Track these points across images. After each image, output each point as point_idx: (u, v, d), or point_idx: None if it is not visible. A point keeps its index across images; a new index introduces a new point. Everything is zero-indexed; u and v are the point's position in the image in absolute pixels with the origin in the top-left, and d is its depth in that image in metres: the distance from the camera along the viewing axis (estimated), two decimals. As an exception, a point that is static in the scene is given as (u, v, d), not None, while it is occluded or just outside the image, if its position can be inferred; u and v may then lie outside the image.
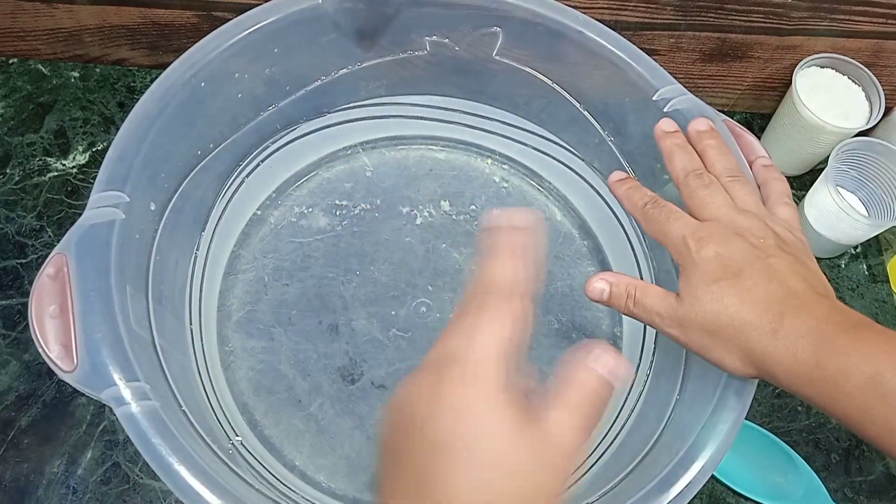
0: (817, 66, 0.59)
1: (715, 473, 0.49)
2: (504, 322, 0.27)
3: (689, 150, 0.41)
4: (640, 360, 0.50)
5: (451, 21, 0.48)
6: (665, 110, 0.44)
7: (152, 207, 0.42)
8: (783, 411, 0.53)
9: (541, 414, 0.27)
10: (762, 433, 0.52)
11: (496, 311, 0.27)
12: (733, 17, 0.56)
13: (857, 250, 0.60)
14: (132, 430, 0.33)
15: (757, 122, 0.66)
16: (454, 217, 0.56)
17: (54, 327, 0.35)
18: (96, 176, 0.39)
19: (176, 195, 0.44)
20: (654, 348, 0.49)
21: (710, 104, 0.44)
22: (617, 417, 0.48)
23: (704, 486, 0.36)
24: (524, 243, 0.29)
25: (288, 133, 0.53)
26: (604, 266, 0.55)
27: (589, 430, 0.27)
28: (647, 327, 0.50)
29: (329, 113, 0.54)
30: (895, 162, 0.54)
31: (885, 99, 0.57)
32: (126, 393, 0.34)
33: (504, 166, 0.59)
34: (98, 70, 0.64)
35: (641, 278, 0.52)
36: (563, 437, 0.26)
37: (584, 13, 0.46)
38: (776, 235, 0.37)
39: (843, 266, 0.60)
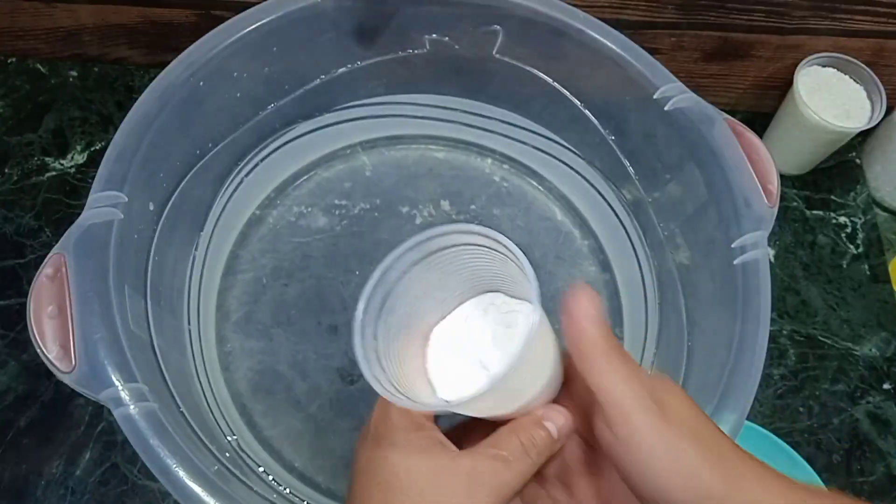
0: (819, 65, 0.59)
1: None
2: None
3: None
4: (641, 360, 0.50)
5: (450, 19, 0.47)
6: (666, 109, 0.44)
7: (151, 207, 0.42)
8: (785, 412, 0.53)
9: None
10: (763, 434, 0.52)
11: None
12: (735, 16, 0.56)
13: (860, 250, 0.60)
14: (130, 431, 0.33)
15: (759, 122, 0.65)
16: (454, 217, 0.56)
17: (53, 328, 0.34)
18: (95, 176, 0.38)
19: (174, 195, 0.44)
20: (656, 349, 0.49)
21: (711, 103, 0.44)
22: (618, 418, 0.48)
23: (706, 487, 0.36)
24: None
25: (287, 132, 0.53)
26: (604, 266, 0.55)
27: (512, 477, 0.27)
28: (648, 328, 0.50)
29: (328, 112, 0.54)
30: None
31: (887, 98, 0.57)
32: (124, 394, 0.34)
33: (504, 166, 0.58)
34: (96, 69, 0.64)
35: (643, 278, 0.52)
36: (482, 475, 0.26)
37: (585, 12, 0.46)
38: None
39: (844, 266, 0.59)
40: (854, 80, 0.59)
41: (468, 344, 0.32)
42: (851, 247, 0.60)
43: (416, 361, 0.32)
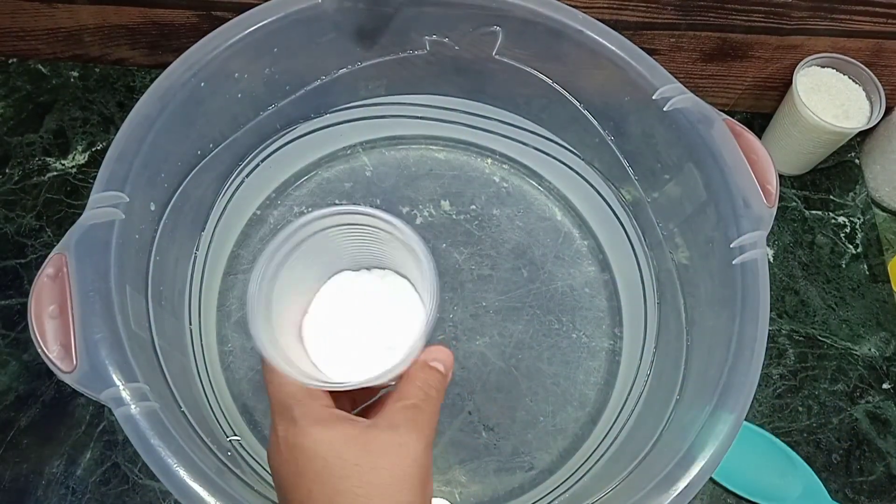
0: (818, 65, 0.59)
1: (713, 476, 0.48)
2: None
3: None
4: (641, 360, 0.50)
5: (450, 20, 0.48)
6: (665, 109, 0.44)
7: (152, 207, 0.42)
8: (784, 412, 0.53)
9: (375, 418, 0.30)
10: (761, 434, 0.52)
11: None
12: (734, 17, 0.56)
13: (859, 250, 0.60)
14: (131, 431, 0.33)
15: (757, 122, 0.66)
16: (454, 217, 0.56)
17: (54, 327, 0.35)
18: (96, 176, 0.39)
19: (176, 195, 0.44)
20: (655, 349, 0.49)
21: (710, 104, 0.44)
22: (617, 418, 0.48)
23: (704, 486, 0.36)
24: None
25: (287, 133, 0.53)
26: (603, 266, 0.55)
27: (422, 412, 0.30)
28: (648, 327, 0.50)
29: (329, 113, 0.54)
30: None
31: (886, 98, 0.57)
32: (125, 394, 0.34)
33: (504, 166, 0.59)
34: (98, 70, 0.64)
35: (642, 278, 0.52)
36: (396, 427, 0.30)
37: (585, 12, 0.46)
38: None
39: (843, 266, 0.60)
40: (853, 81, 0.59)
41: (341, 327, 0.35)
42: (850, 247, 0.61)
43: (301, 357, 0.34)
